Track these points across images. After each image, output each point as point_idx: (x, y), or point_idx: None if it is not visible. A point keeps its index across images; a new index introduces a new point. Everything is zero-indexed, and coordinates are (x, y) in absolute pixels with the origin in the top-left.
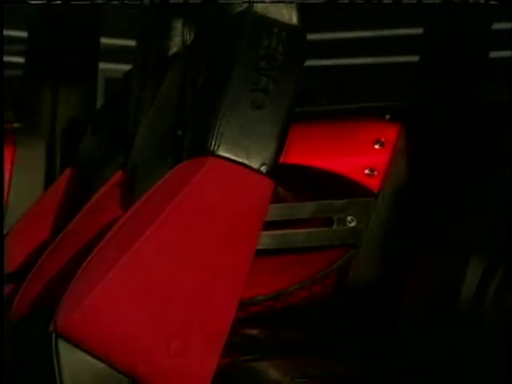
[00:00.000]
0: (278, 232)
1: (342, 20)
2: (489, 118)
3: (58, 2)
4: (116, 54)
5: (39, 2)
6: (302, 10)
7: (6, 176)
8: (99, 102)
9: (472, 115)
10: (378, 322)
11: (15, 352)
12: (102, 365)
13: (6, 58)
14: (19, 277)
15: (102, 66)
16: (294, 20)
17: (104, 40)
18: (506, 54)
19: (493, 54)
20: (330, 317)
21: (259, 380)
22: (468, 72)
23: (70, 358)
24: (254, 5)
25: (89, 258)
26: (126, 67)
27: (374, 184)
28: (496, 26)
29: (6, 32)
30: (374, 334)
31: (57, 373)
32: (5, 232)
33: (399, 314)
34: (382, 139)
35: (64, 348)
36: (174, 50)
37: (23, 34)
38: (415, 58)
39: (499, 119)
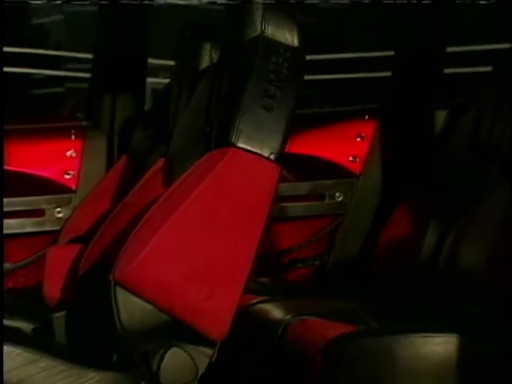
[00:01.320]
0: (284, 204)
1: (332, 43)
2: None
3: (58, 2)
4: (158, 71)
5: (39, 3)
6: (302, 35)
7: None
8: (147, 106)
9: (426, 117)
10: (360, 273)
11: (82, 299)
12: (150, 306)
13: (79, 74)
14: (86, 240)
15: (149, 80)
16: (296, 43)
17: (150, 60)
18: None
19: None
20: (325, 270)
21: (267, 317)
22: (426, 83)
23: (125, 302)
24: (265, 31)
25: (139, 225)
26: (165, 81)
27: (356, 168)
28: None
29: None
30: (358, 282)
31: (115, 314)
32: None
33: (375, 266)
34: (363, 134)
35: (120, 294)
36: (203, 66)
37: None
38: (388, 74)
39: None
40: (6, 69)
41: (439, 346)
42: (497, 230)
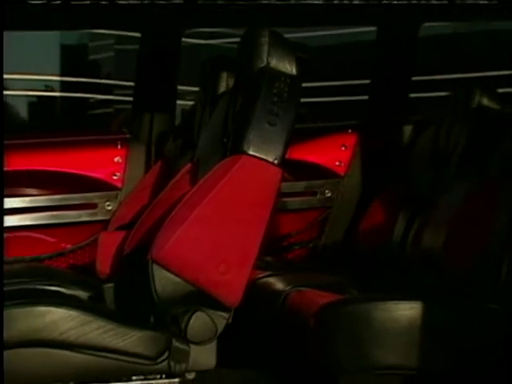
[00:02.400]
0: (285, 199)
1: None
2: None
3: (58, 2)
4: (185, 95)
5: (39, 3)
6: (300, 65)
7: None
8: (176, 122)
9: (396, 131)
10: (344, 254)
11: (126, 273)
12: (179, 279)
13: (124, 98)
14: (129, 227)
15: (179, 102)
16: (294, 72)
17: (179, 87)
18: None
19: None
20: (317, 251)
21: (271, 288)
22: (395, 105)
23: (160, 276)
24: (270, 63)
25: (171, 216)
26: (191, 103)
27: (341, 170)
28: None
29: (124, 83)
30: (343, 260)
31: (152, 286)
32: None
33: (357, 248)
34: (346, 144)
35: (156, 270)
36: (221, 91)
37: (131, 84)
38: (366, 97)
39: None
40: (69, 94)
41: (407, 310)
42: (453, 217)
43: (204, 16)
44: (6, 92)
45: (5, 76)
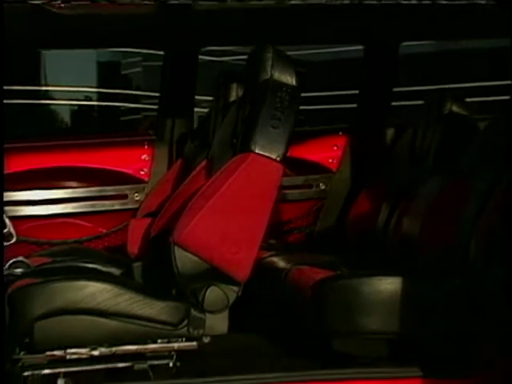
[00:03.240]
0: (285, 191)
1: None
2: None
3: (58, 1)
4: (201, 103)
5: (39, 3)
6: (299, 77)
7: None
8: (194, 126)
9: (379, 133)
10: (336, 237)
11: (152, 253)
12: (197, 258)
13: (151, 106)
14: (154, 215)
15: (196, 109)
16: (294, 83)
17: (196, 96)
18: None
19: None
20: (312, 235)
21: (275, 266)
22: (379, 112)
23: (180, 256)
24: (273, 75)
25: (189, 204)
26: (206, 110)
27: (333, 166)
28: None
29: (150, 93)
30: (335, 243)
31: (173, 264)
32: (148, 191)
33: (346, 233)
34: (338, 144)
35: (177, 251)
36: (231, 99)
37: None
38: (355, 105)
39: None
40: (105, 103)
41: (388, 285)
42: (428, 208)
43: (216, 36)
44: (53, 102)
45: (53, 88)
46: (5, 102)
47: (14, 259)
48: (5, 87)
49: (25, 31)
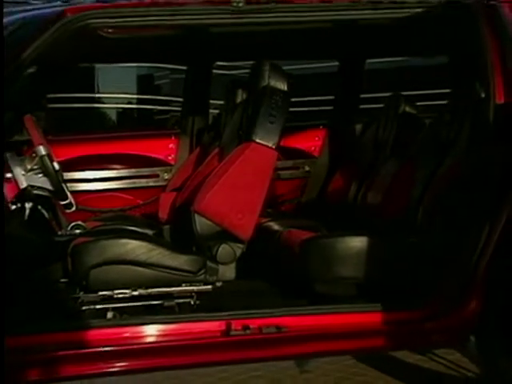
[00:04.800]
0: (278, 172)
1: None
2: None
3: (58, 2)
4: (214, 106)
5: (39, 2)
6: (289, 85)
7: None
8: (209, 122)
9: (351, 128)
10: (317, 207)
11: (177, 218)
12: (211, 223)
13: (176, 108)
14: (179, 189)
15: (211, 111)
16: (285, 88)
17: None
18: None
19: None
20: (299, 205)
21: (271, 229)
22: (350, 112)
23: (199, 221)
24: (270, 82)
25: (206, 182)
26: (217, 111)
27: (316, 153)
28: None
29: (175, 98)
30: (316, 211)
31: (193, 227)
32: (174, 172)
33: (325, 203)
34: (319, 136)
35: (196, 217)
36: (238, 101)
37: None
38: (331, 107)
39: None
40: (142, 106)
41: (358, 242)
42: (386, 184)
43: (225, 54)
44: (104, 105)
45: (102, 95)
46: (69, 105)
47: (74, 223)
48: (69, 95)
49: (83, 50)
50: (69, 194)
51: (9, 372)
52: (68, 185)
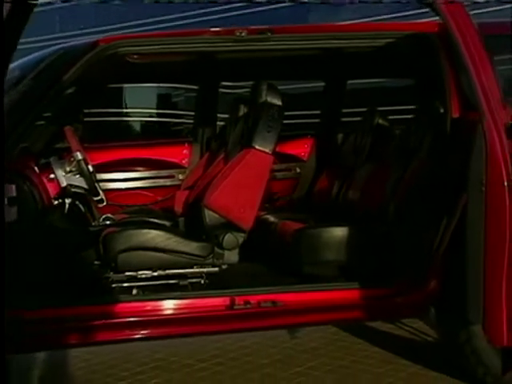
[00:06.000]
0: (274, 173)
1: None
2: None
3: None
4: (220, 118)
5: (38, 2)
6: (283, 101)
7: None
8: (217, 132)
9: (333, 137)
10: (306, 203)
11: (189, 212)
12: (218, 216)
13: (190, 121)
14: (191, 188)
15: (218, 123)
16: (280, 104)
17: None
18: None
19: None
20: (291, 202)
21: (268, 221)
22: (333, 125)
23: (208, 214)
24: (267, 99)
25: (213, 181)
26: (222, 123)
27: (305, 158)
28: None
29: (188, 112)
30: (305, 207)
31: (203, 219)
32: (187, 173)
33: (312, 200)
34: (307, 144)
35: (206, 211)
36: (240, 115)
37: (192, 113)
38: (318, 120)
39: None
40: (161, 119)
41: (340, 231)
42: (363, 184)
43: (229, 76)
44: (130, 118)
45: (129, 110)
46: (101, 119)
47: (104, 215)
48: (101, 110)
49: (113, 73)
50: (101, 191)
51: (52, 337)
52: (100, 184)
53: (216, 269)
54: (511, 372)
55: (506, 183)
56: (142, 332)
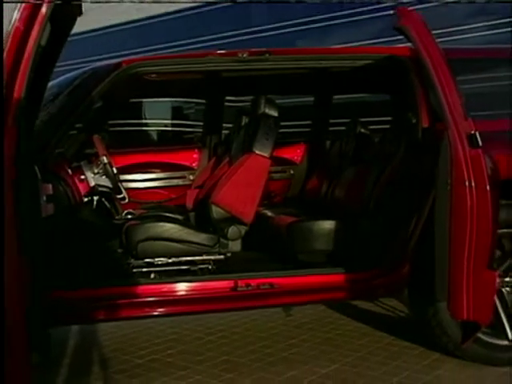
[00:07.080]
0: (271, 175)
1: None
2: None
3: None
4: (225, 128)
5: (38, 2)
6: (279, 112)
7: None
8: (222, 139)
9: (322, 143)
10: (298, 201)
11: (198, 208)
12: (223, 211)
13: (199, 129)
14: (200, 187)
15: (223, 131)
16: (276, 115)
17: (224, 124)
18: (332, 128)
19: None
20: (286, 199)
21: (266, 215)
22: (322, 132)
23: (214, 210)
24: (265, 110)
25: (219, 182)
26: (227, 131)
27: (297, 161)
28: None
29: (199, 123)
30: (298, 203)
31: (211, 214)
32: (197, 174)
33: (304, 198)
34: (300, 148)
35: (213, 207)
36: (242, 124)
37: (201, 123)
38: (309, 129)
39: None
40: (172, 128)
41: (328, 225)
42: (348, 183)
43: (233, 91)
44: (149, 128)
45: (147, 121)
46: (124, 128)
47: (126, 211)
48: (124, 121)
49: (134, 90)
50: (123, 190)
51: (84, 313)
52: (123, 184)
53: (222, 256)
54: (469, 341)
55: (467, 183)
56: (159, 310)
